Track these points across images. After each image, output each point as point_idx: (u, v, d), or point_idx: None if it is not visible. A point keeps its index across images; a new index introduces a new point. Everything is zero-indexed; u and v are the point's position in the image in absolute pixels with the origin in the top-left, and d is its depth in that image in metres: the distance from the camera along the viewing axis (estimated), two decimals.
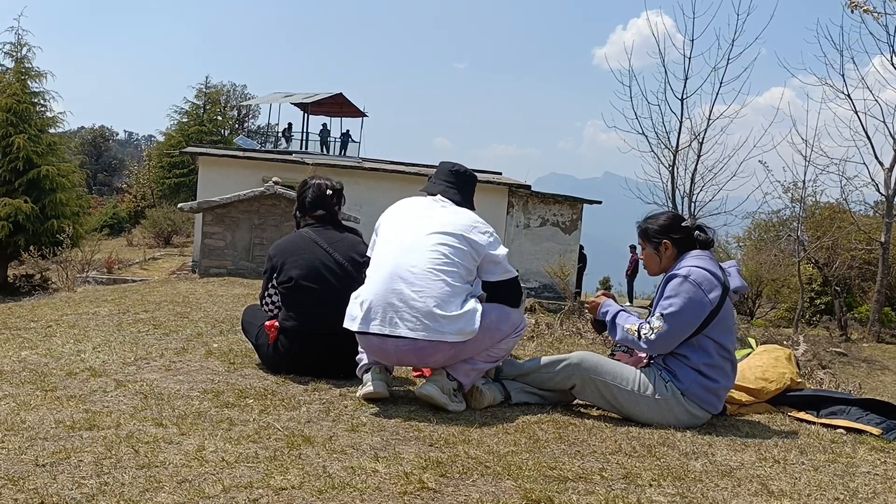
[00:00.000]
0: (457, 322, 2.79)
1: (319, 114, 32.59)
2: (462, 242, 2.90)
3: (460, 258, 2.88)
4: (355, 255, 3.37)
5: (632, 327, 2.89)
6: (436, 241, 2.90)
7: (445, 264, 2.86)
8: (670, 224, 3.04)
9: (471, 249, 2.90)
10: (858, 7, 12.86)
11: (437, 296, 2.81)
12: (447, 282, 2.83)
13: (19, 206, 15.02)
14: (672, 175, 16.01)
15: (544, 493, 1.96)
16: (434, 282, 2.83)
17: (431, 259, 2.86)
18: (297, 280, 3.30)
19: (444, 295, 2.81)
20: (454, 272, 2.86)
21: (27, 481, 1.86)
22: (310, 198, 3.50)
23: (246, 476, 1.97)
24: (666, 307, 2.84)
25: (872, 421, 3.03)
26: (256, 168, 17.70)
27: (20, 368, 3.24)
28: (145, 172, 33.78)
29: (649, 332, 2.84)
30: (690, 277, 2.84)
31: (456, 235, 2.91)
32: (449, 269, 2.85)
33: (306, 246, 3.37)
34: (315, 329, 3.26)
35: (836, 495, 2.15)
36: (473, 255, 2.91)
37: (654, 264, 3.09)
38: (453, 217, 3.00)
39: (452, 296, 2.82)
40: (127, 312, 5.36)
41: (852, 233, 17.83)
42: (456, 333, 2.79)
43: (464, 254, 2.89)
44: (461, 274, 2.87)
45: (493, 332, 2.91)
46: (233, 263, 9.54)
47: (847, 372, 11.09)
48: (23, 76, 16.62)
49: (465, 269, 2.89)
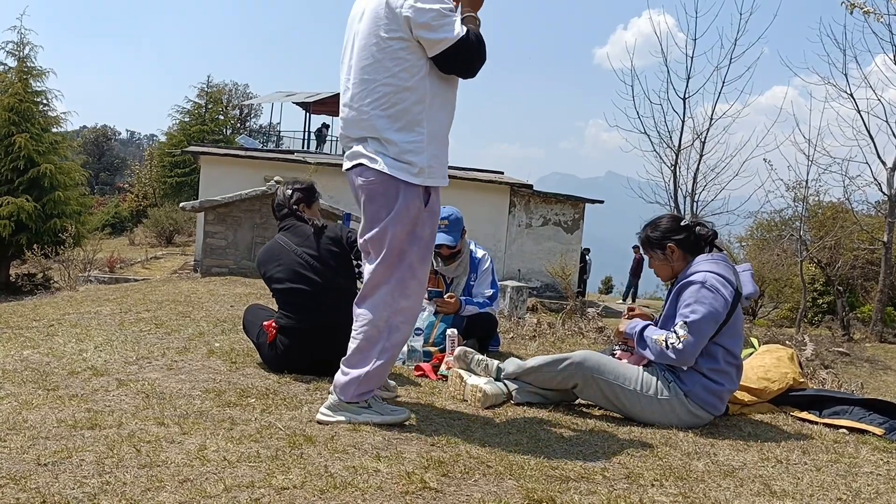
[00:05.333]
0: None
1: (322, 113, 32.62)
2: (373, 42, 2.48)
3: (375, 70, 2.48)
4: (331, 246, 3.45)
5: (659, 338, 2.85)
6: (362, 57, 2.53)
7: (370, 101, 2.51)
8: (670, 226, 3.04)
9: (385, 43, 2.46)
10: (857, 7, 12.81)
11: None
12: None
13: (22, 205, 15.05)
14: (674, 174, 15.98)
15: (546, 493, 1.96)
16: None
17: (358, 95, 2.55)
18: (282, 284, 3.42)
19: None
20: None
21: (29, 480, 1.86)
22: (276, 202, 3.70)
23: (248, 475, 1.97)
24: (688, 315, 2.80)
25: (875, 421, 3.02)
26: (258, 167, 17.70)
27: (22, 367, 3.25)
28: (147, 172, 33.81)
29: (676, 341, 2.79)
30: (707, 283, 2.82)
31: (365, 38, 2.51)
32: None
33: (280, 251, 3.49)
34: (310, 324, 3.33)
35: (838, 495, 2.15)
36: (388, 51, 2.46)
37: (665, 271, 3.07)
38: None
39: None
40: (129, 311, 5.36)
41: (855, 232, 17.79)
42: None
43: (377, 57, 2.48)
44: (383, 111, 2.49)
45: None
46: (234, 262, 9.55)
47: (849, 372, 11.06)
48: (25, 75, 16.65)
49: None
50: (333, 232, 3.51)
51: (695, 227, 3.03)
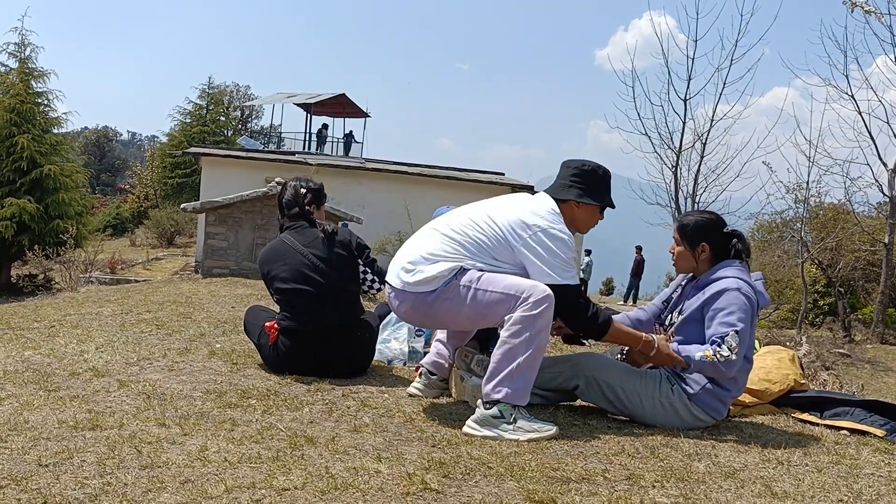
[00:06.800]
0: (420, 273, 2.69)
1: (322, 114, 32.66)
2: (499, 227, 2.73)
3: (485, 236, 2.72)
4: (339, 249, 3.42)
5: (707, 353, 2.73)
6: (480, 215, 2.78)
7: (462, 232, 2.73)
8: (711, 226, 2.96)
9: (505, 239, 2.72)
10: (858, 6, 12.80)
11: (426, 249, 2.72)
12: (446, 242, 2.72)
13: (24, 206, 15.06)
14: (675, 176, 15.99)
15: (547, 495, 1.96)
16: (434, 240, 2.75)
17: (458, 225, 2.76)
18: (285, 284, 3.38)
19: (433, 250, 2.71)
20: (464, 240, 2.71)
21: (30, 481, 1.86)
22: (286, 198, 3.60)
23: (249, 476, 1.97)
24: (736, 324, 2.73)
25: (876, 422, 3.02)
26: (259, 168, 17.71)
27: (23, 368, 3.25)
28: (148, 173, 33.85)
29: (729, 353, 2.70)
30: (743, 290, 2.78)
31: (498, 217, 2.75)
32: (460, 237, 2.73)
33: (286, 251, 3.44)
34: (311, 326, 3.32)
35: (839, 497, 2.14)
36: (506, 245, 2.72)
37: (687, 263, 2.99)
38: (516, 203, 2.83)
39: (439, 254, 2.70)
40: (130, 313, 5.37)
41: (856, 234, 17.77)
42: (414, 284, 2.70)
43: (495, 236, 2.72)
44: (472, 247, 2.70)
45: (475, 292, 2.64)
46: (235, 264, 9.54)
47: (851, 373, 11.05)
48: (26, 76, 16.67)
49: (480, 246, 2.70)
50: (343, 236, 3.49)
51: (734, 238, 2.97)
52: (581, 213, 2.88)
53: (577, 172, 2.89)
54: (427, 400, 3.06)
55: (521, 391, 2.58)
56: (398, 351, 3.97)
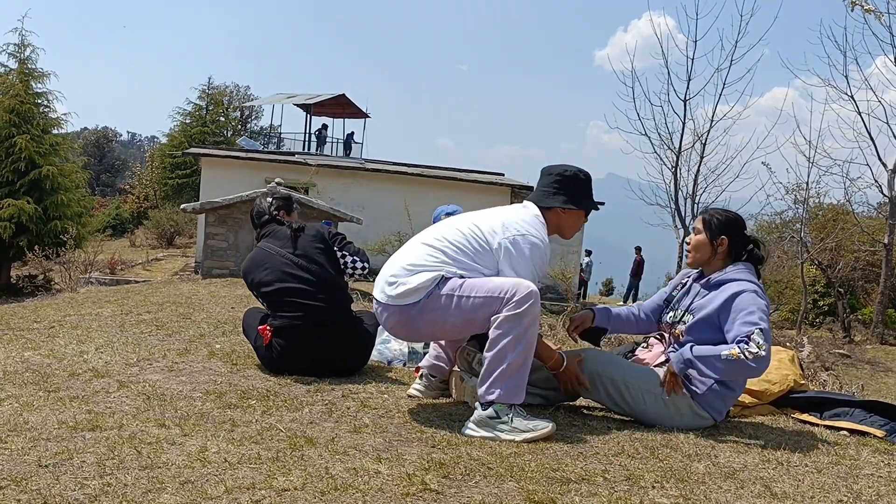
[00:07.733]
0: (402, 286, 2.70)
1: (322, 115, 32.65)
2: (482, 231, 2.77)
3: (467, 240, 2.75)
4: (316, 243, 3.49)
5: (733, 352, 2.69)
6: (466, 224, 2.81)
7: (446, 244, 2.75)
8: (734, 224, 2.99)
9: (487, 241, 2.75)
10: (858, 5, 12.80)
11: (408, 261, 2.74)
12: (428, 252, 2.75)
13: (22, 207, 15.07)
14: (675, 176, 16.00)
15: (547, 495, 1.96)
16: (416, 251, 2.77)
17: (441, 234, 2.79)
18: (271, 286, 3.42)
19: (414, 261, 2.73)
20: (444, 247, 2.74)
21: (30, 482, 1.86)
22: (255, 210, 3.75)
23: (248, 477, 1.97)
24: (759, 322, 2.72)
25: (876, 423, 3.02)
26: (259, 169, 17.71)
27: (23, 369, 3.25)
28: (148, 173, 33.83)
29: (758, 350, 2.66)
30: (758, 293, 2.80)
31: (482, 223, 2.79)
32: (441, 244, 2.75)
33: (265, 257, 3.51)
34: (304, 320, 3.34)
35: (839, 497, 2.14)
36: (487, 248, 2.75)
37: (703, 254, 2.97)
38: (502, 210, 2.89)
39: (420, 264, 2.71)
40: (130, 313, 5.37)
41: (856, 234, 17.79)
42: (396, 297, 2.71)
43: (476, 240, 2.75)
44: (453, 252, 2.72)
45: (458, 300, 2.64)
46: (235, 264, 9.54)
47: (850, 374, 11.06)
48: (26, 77, 16.68)
49: (461, 250, 2.73)
50: (314, 230, 3.56)
51: (752, 243, 2.99)
52: (567, 219, 2.94)
53: (560, 179, 2.94)
54: (427, 401, 3.06)
55: (514, 390, 2.58)
56: (398, 351, 3.97)
